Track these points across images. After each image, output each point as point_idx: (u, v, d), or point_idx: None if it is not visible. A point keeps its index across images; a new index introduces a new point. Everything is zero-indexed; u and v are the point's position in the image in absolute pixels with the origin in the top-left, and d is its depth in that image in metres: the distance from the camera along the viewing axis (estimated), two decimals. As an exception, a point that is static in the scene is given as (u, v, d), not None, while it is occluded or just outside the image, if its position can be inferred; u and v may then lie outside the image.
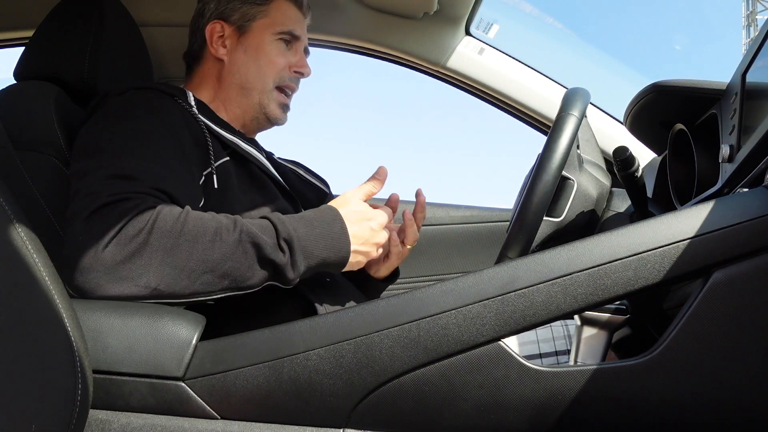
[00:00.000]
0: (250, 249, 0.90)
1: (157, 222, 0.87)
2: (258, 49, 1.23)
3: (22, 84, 1.20)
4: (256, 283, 0.92)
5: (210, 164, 1.07)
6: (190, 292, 0.88)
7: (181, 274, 0.87)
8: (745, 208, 0.77)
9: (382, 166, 1.08)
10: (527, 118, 1.78)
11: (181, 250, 0.87)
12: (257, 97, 1.23)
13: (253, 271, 0.91)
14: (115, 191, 0.89)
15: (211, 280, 0.89)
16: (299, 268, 0.94)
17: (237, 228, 0.91)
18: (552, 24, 2.51)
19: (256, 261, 0.91)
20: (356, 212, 1.02)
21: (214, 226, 0.90)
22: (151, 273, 0.86)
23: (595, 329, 0.92)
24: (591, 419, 0.77)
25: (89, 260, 0.84)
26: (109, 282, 0.84)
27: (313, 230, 0.96)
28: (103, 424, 0.78)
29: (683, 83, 1.14)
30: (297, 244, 0.93)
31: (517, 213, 0.94)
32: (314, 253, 0.95)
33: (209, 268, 0.88)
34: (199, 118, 1.10)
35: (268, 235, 0.92)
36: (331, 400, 0.78)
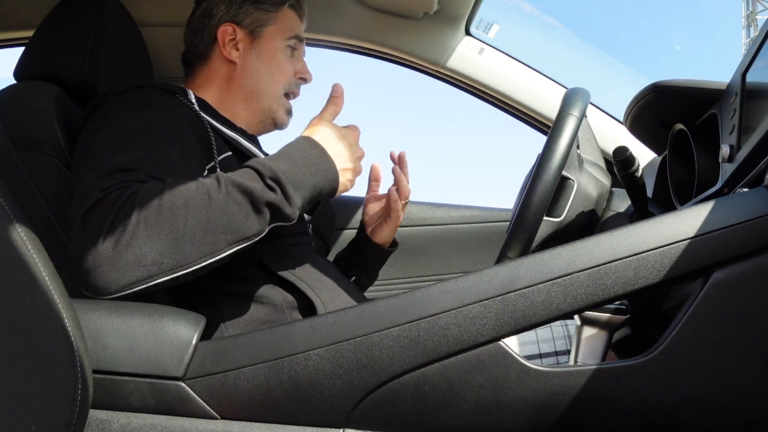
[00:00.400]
0: (241, 198, 0.90)
1: (141, 200, 0.86)
2: (271, 56, 1.26)
3: (22, 84, 1.20)
4: (259, 229, 0.92)
5: (213, 158, 1.07)
6: (197, 257, 0.87)
7: (183, 242, 0.86)
8: (745, 208, 0.77)
9: (337, 83, 1.09)
10: (527, 118, 1.78)
11: (175, 218, 0.86)
12: (267, 102, 1.26)
13: (252, 219, 0.90)
14: (106, 185, 0.89)
15: (214, 239, 0.88)
16: (295, 201, 0.94)
17: (222, 183, 0.91)
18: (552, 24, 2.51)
19: (251, 208, 0.90)
20: (329, 134, 1.02)
21: (199, 187, 0.90)
22: (153, 249, 0.85)
23: (595, 329, 0.92)
24: (591, 419, 0.77)
25: (92, 259, 0.84)
26: (119, 272, 0.84)
27: (295, 162, 0.96)
28: (103, 424, 0.78)
29: (683, 83, 1.14)
30: (284, 179, 0.93)
31: (517, 213, 0.94)
32: (304, 182, 0.95)
33: (207, 228, 0.88)
34: (201, 115, 1.11)
35: (254, 180, 0.92)
36: (331, 400, 0.78)
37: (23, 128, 1.10)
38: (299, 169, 0.96)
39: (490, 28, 1.82)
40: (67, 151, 1.10)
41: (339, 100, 1.07)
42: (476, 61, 1.76)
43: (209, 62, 1.26)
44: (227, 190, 0.90)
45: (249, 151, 1.16)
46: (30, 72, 1.22)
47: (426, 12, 1.68)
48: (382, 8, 1.70)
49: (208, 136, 1.09)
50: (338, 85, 1.08)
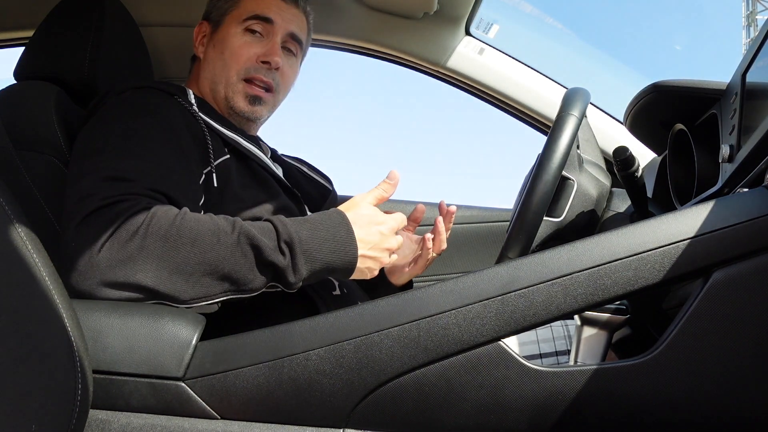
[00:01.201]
0: (249, 251, 0.88)
1: (152, 224, 0.85)
2: (223, 42, 1.21)
3: (22, 84, 1.20)
4: (257, 287, 0.90)
5: (210, 163, 1.06)
6: (189, 297, 0.86)
7: (179, 277, 0.85)
8: (745, 208, 0.77)
9: (394, 170, 1.03)
10: (527, 118, 1.78)
11: (178, 252, 0.85)
12: (223, 91, 1.20)
13: (254, 274, 0.89)
14: (109, 194, 0.88)
15: (210, 282, 0.87)
16: (301, 272, 0.91)
17: (236, 230, 0.89)
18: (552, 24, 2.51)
19: (255, 264, 0.88)
20: (365, 216, 0.97)
21: (212, 228, 0.88)
22: (147, 276, 0.84)
23: (595, 329, 0.92)
24: (591, 419, 0.77)
25: (84, 265, 0.83)
26: (106, 286, 0.84)
27: (317, 233, 0.92)
28: (103, 424, 0.78)
29: (683, 83, 1.14)
30: (299, 248, 0.90)
31: (517, 213, 0.94)
32: (317, 257, 0.91)
33: (207, 271, 0.86)
34: (199, 116, 1.10)
35: (269, 237, 0.90)
36: (331, 400, 0.78)
37: (23, 128, 1.10)
38: (318, 242, 0.92)
39: (490, 28, 1.82)
40: (66, 151, 1.10)
41: (391, 187, 1.02)
42: (476, 61, 1.76)
43: (195, 62, 1.28)
44: (238, 239, 0.88)
45: (249, 151, 1.15)
46: (30, 72, 1.22)
47: (426, 12, 1.68)
48: (382, 8, 1.70)
49: (205, 139, 1.07)
50: (395, 172, 1.02)
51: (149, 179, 0.92)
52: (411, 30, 1.74)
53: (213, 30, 1.24)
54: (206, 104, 1.18)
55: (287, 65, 1.24)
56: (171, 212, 0.88)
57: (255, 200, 1.09)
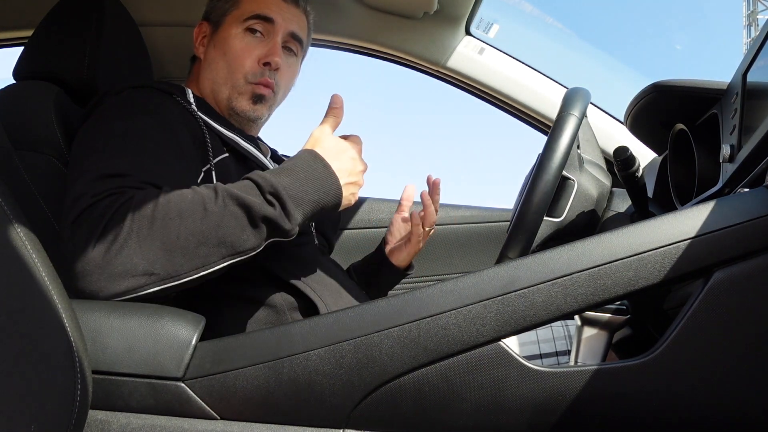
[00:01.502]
0: (238, 211, 0.88)
1: (135, 209, 0.85)
2: (225, 42, 1.20)
3: (22, 84, 1.20)
4: (255, 244, 0.90)
5: (209, 160, 1.06)
6: (189, 269, 0.86)
7: (174, 253, 0.85)
8: (745, 208, 0.77)
9: (336, 94, 1.04)
10: (527, 118, 1.78)
11: (167, 229, 0.85)
12: (226, 92, 1.20)
13: (248, 233, 0.88)
14: (98, 191, 0.88)
15: (207, 252, 0.87)
16: (295, 217, 0.91)
17: (219, 195, 0.89)
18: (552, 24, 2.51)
19: (247, 222, 0.88)
20: (332, 148, 0.98)
21: (196, 198, 0.88)
22: (144, 260, 0.84)
23: (595, 329, 0.92)
24: (591, 419, 0.77)
25: (82, 265, 0.84)
26: (108, 280, 0.84)
27: (297, 176, 0.93)
28: (102, 424, 0.78)
29: (683, 83, 1.14)
30: (285, 194, 0.90)
31: (517, 213, 0.94)
32: (306, 198, 0.92)
33: (201, 241, 0.86)
34: (197, 115, 1.10)
35: (253, 194, 0.90)
36: (331, 400, 0.78)
37: (22, 128, 1.10)
38: (301, 184, 0.93)
39: (490, 28, 1.82)
40: (66, 151, 1.10)
41: (339, 111, 1.03)
42: (476, 61, 1.76)
43: (193, 63, 1.28)
44: (224, 203, 0.88)
45: (247, 151, 1.15)
46: (29, 72, 1.22)
47: (426, 12, 1.68)
48: (382, 8, 1.70)
49: (204, 138, 1.07)
50: (337, 96, 1.03)
51: (143, 174, 0.92)
52: (411, 30, 1.74)
53: (213, 30, 1.24)
54: (205, 104, 1.18)
55: (287, 65, 1.24)
56: (152, 193, 0.88)
57: None
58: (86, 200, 0.87)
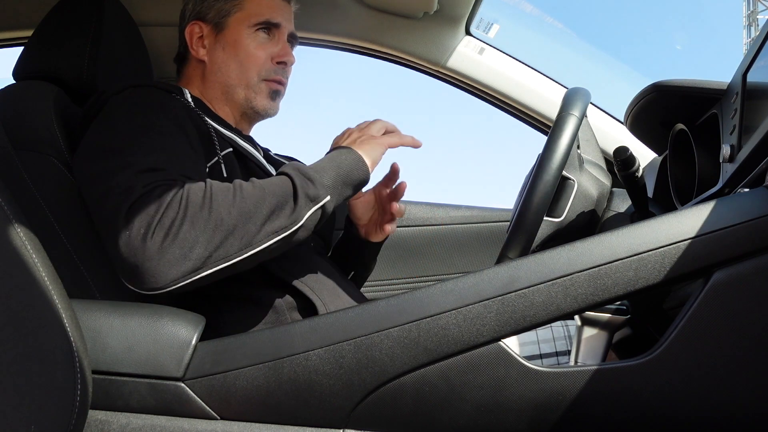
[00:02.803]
0: (276, 189, 0.94)
1: (189, 196, 0.89)
2: (236, 45, 1.21)
3: (22, 84, 1.20)
4: (296, 217, 0.94)
5: (216, 153, 1.08)
6: (239, 248, 0.90)
7: (226, 234, 0.89)
8: (745, 208, 0.77)
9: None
10: (527, 118, 1.78)
11: (218, 212, 0.89)
12: (243, 93, 1.22)
13: (288, 206, 0.94)
14: (147, 182, 0.91)
15: (255, 229, 0.91)
16: (320, 180, 0.97)
17: (256, 181, 0.95)
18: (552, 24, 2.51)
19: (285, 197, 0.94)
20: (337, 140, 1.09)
21: (235, 185, 0.94)
22: (198, 243, 0.87)
23: (595, 329, 0.92)
24: (591, 420, 0.77)
25: (140, 253, 0.86)
26: (167, 266, 0.85)
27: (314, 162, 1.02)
28: (102, 424, 0.78)
29: (684, 83, 1.14)
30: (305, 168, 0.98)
31: (517, 213, 0.94)
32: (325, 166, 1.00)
33: (248, 219, 0.91)
34: (199, 112, 1.11)
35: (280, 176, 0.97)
36: (331, 400, 0.78)
37: (22, 128, 1.10)
38: (319, 162, 1.02)
39: (490, 28, 1.82)
40: (66, 151, 1.10)
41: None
42: (476, 61, 1.75)
43: (187, 64, 1.27)
44: (261, 186, 0.94)
45: (245, 150, 1.15)
46: (29, 72, 1.22)
47: (426, 12, 1.68)
48: (382, 8, 1.70)
49: (209, 132, 1.09)
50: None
51: (177, 167, 0.96)
52: (411, 30, 1.74)
53: (217, 32, 1.23)
54: (203, 104, 1.19)
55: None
56: (200, 183, 0.93)
57: None
58: (137, 190, 0.90)
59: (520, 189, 1.18)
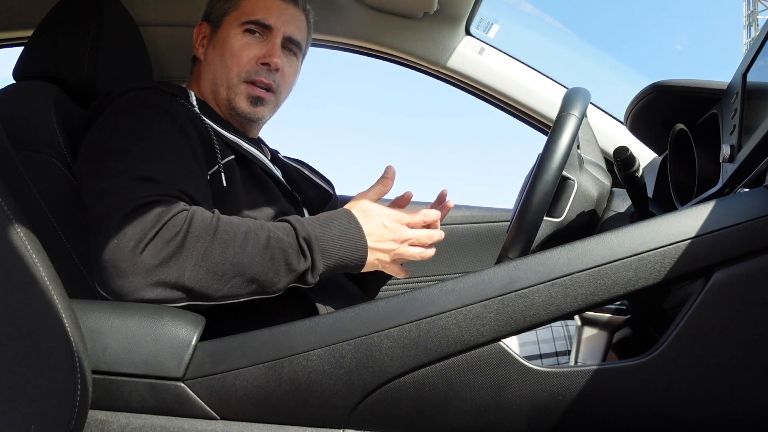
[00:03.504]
0: (277, 254, 0.92)
1: (192, 225, 0.89)
2: (224, 43, 1.21)
3: (22, 84, 1.20)
4: (280, 288, 0.94)
5: (217, 161, 1.07)
6: (220, 295, 0.90)
7: (214, 277, 0.89)
8: (745, 209, 0.77)
9: (390, 165, 1.08)
10: (527, 118, 1.78)
11: (215, 253, 0.89)
12: (224, 92, 1.20)
13: (279, 277, 0.93)
14: (144, 194, 0.90)
15: (240, 283, 0.91)
16: (318, 269, 0.95)
17: (264, 232, 0.93)
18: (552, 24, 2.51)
19: (282, 266, 0.93)
20: (368, 210, 1.02)
21: (244, 230, 0.92)
22: (186, 276, 0.87)
23: (595, 329, 0.92)
24: (591, 420, 0.77)
25: (127, 264, 0.85)
26: (147, 286, 0.86)
27: (330, 230, 0.97)
28: (102, 424, 0.78)
29: (684, 83, 1.14)
30: (315, 244, 0.95)
31: (517, 213, 0.94)
32: (332, 252, 0.96)
33: (239, 272, 0.90)
34: (202, 117, 1.10)
35: (290, 236, 0.94)
36: (331, 400, 0.78)
37: (22, 128, 1.09)
38: (332, 238, 0.97)
39: (490, 28, 1.82)
40: (66, 152, 1.10)
41: (389, 181, 1.06)
42: (476, 61, 1.75)
43: (194, 64, 1.28)
44: (267, 242, 0.92)
45: (250, 154, 1.15)
46: (29, 72, 1.22)
47: (426, 12, 1.68)
48: (382, 8, 1.70)
49: (211, 139, 1.08)
50: (391, 168, 1.07)
51: (175, 180, 0.95)
52: (411, 30, 1.74)
53: (213, 31, 1.24)
54: (207, 106, 1.18)
55: (287, 65, 1.23)
56: (206, 214, 0.92)
57: (255, 203, 1.09)
58: (134, 201, 0.89)
59: (520, 189, 1.18)
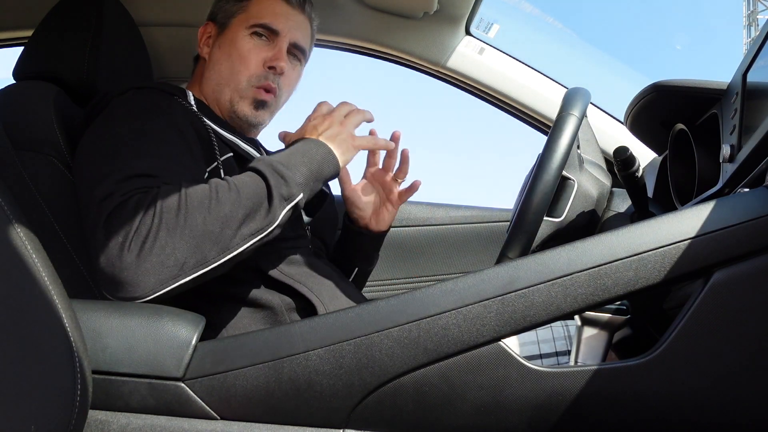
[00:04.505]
0: (249, 189, 0.93)
1: (163, 203, 0.88)
2: (231, 45, 1.21)
3: (22, 84, 1.20)
4: (271, 219, 0.94)
5: (216, 158, 1.07)
6: (216, 254, 0.90)
7: (203, 240, 0.88)
8: (745, 209, 0.77)
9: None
10: (527, 118, 1.78)
11: (192, 218, 0.88)
12: (229, 94, 1.20)
13: (266, 207, 0.93)
14: (126, 190, 0.90)
15: (231, 233, 0.90)
16: (294, 179, 0.97)
17: (229, 182, 0.94)
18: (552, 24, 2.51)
19: (260, 196, 0.93)
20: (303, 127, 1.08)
21: (211, 187, 0.93)
22: (176, 251, 0.87)
23: (595, 329, 0.92)
24: (591, 420, 0.77)
25: (117, 265, 0.85)
26: (144, 276, 0.85)
27: (282, 153, 1.01)
28: (102, 424, 0.78)
29: (684, 83, 1.14)
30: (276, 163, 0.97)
31: (517, 213, 0.94)
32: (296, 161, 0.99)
33: (224, 224, 0.90)
34: (200, 116, 1.11)
35: (251, 174, 0.96)
36: (331, 400, 0.78)
37: (22, 128, 1.10)
38: (288, 155, 1.00)
39: (490, 28, 1.82)
40: (66, 152, 1.10)
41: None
42: (476, 61, 1.75)
43: (196, 63, 1.29)
44: (236, 187, 0.93)
45: (248, 153, 1.15)
46: (29, 72, 1.22)
47: (426, 12, 1.68)
48: (382, 8, 1.70)
49: (209, 137, 1.08)
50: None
51: (165, 175, 0.95)
52: (411, 30, 1.74)
53: (220, 32, 1.24)
54: (205, 107, 1.19)
55: (291, 70, 1.24)
56: (172, 187, 0.91)
57: None
58: (115, 199, 0.89)
59: (520, 189, 1.18)
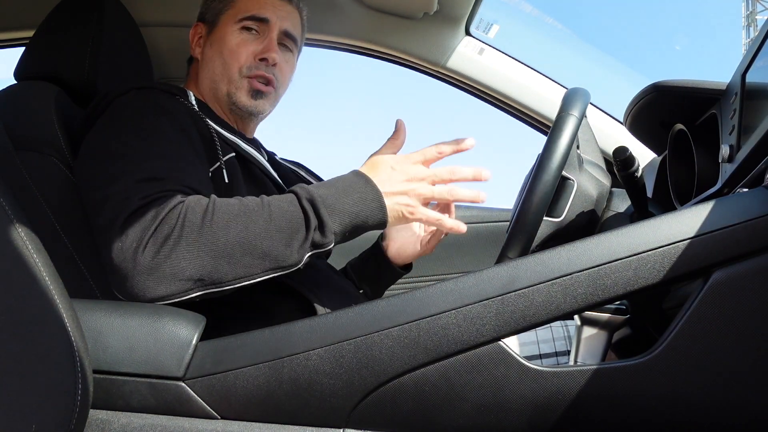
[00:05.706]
0: (282, 223, 0.90)
1: (187, 215, 0.88)
2: (221, 41, 1.21)
3: (23, 84, 1.20)
4: (297, 260, 0.91)
5: (219, 158, 1.07)
6: (233, 278, 0.88)
7: (221, 261, 0.87)
8: (745, 208, 0.77)
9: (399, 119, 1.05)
10: (527, 118, 1.78)
11: (216, 237, 0.87)
12: (225, 88, 1.21)
13: (291, 246, 0.90)
14: (145, 194, 0.90)
15: (251, 262, 0.89)
16: (329, 226, 0.91)
17: (265, 206, 0.91)
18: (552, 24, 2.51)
19: (290, 234, 0.90)
20: (374, 161, 0.98)
21: (243, 209, 0.90)
22: (191, 265, 0.86)
23: (595, 329, 0.92)
24: (591, 419, 0.77)
25: (130, 266, 0.86)
26: (155, 282, 0.86)
27: (335, 187, 0.94)
28: (103, 424, 0.78)
29: (683, 83, 1.14)
30: (320, 203, 0.91)
31: (517, 213, 0.94)
32: (342, 208, 0.92)
33: (246, 250, 0.88)
34: (202, 115, 1.11)
35: (292, 203, 0.92)
36: (331, 400, 0.78)
37: (23, 128, 1.10)
38: (338, 194, 0.93)
39: (490, 28, 1.82)
40: (67, 152, 1.10)
41: (399, 134, 1.04)
42: (476, 61, 1.76)
43: (190, 64, 1.29)
44: (270, 215, 0.90)
45: (248, 154, 1.15)
46: (30, 72, 1.22)
47: (426, 12, 1.68)
48: (381, 8, 1.70)
49: (212, 137, 1.09)
50: (400, 121, 1.05)
51: (179, 177, 0.94)
52: (411, 30, 1.74)
53: (209, 31, 1.25)
54: (206, 107, 1.19)
55: (284, 60, 1.24)
56: (203, 201, 0.90)
57: None
58: (134, 202, 0.89)
59: (520, 189, 1.18)
